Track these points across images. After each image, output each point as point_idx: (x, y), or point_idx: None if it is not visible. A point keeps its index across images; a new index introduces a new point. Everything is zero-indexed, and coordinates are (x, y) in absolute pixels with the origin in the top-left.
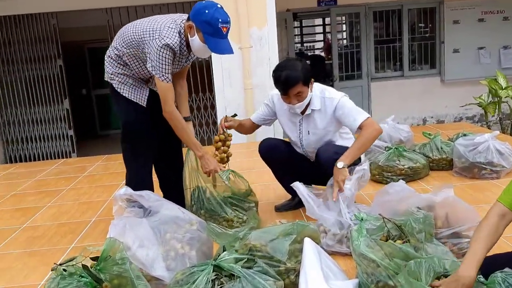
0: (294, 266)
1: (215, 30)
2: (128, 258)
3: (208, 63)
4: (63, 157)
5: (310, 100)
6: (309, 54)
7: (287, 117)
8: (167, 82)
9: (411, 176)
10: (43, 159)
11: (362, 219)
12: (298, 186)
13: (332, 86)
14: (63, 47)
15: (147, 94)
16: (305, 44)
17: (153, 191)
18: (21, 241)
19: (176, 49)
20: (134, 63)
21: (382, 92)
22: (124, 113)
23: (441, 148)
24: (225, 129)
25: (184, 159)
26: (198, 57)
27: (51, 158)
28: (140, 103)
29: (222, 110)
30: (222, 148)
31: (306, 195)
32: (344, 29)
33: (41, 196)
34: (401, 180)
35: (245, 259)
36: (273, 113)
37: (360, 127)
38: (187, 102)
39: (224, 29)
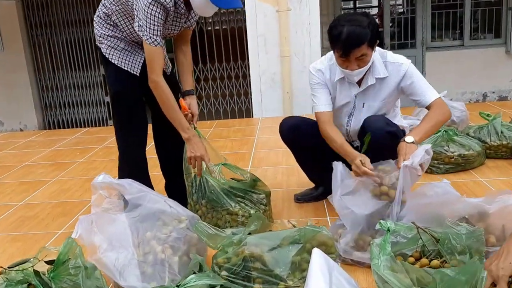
0: (298, 284)
1: None
2: (83, 267)
3: (241, 29)
4: (99, 124)
5: (372, 68)
6: None
7: (338, 89)
8: (156, 45)
9: (462, 165)
10: (80, 126)
11: (389, 230)
12: (337, 165)
13: None
14: None
15: (141, 61)
16: (357, 10)
17: (147, 175)
18: (11, 221)
19: (169, 6)
20: (125, 22)
21: (438, 63)
22: (113, 83)
23: (501, 132)
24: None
25: None
26: (203, 16)
27: (88, 125)
28: (131, 72)
29: (257, 80)
30: None
31: (339, 178)
32: None
33: (51, 169)
34: (444, 180)
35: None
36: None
37: (429, 106)
38: (191, 73)
39: None
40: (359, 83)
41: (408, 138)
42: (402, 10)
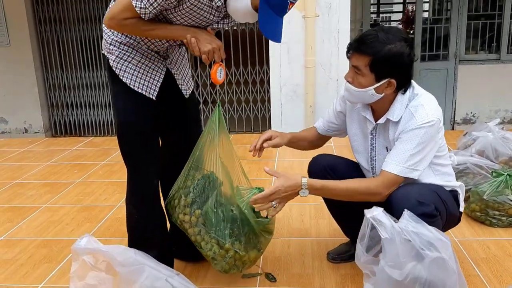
0: None
1: (281, 1)
2: None
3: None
4: (107, 127)
5: (391, 108)
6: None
7: (358, 122)
8: (141, 13)
9: None
10: (87, 127)
11: None
12: (378, 213)
13: None
14: None
15: (159, 80)
16: (380, 15)
17: (160, 208)
18: (35, 225)
19: None
20: None
21: (471, 77)
22: (121, 110)
23: None
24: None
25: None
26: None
27: (95, 127)
28: (147, 95)
29: (277, 91)
30: None
31: (388, 228)
32: None
33: (42, 191)
34: None
35: None
36: (344, 117)
37: (381, 172)
38: None
39: (291, 5)
40: (376, 119)
41: (304, 192)
42: (427, 17)
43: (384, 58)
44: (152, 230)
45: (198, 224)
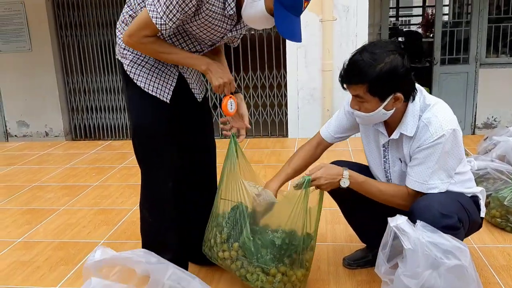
0: None
1: (294, 1)
2: None
3: (278, 37)
4: (126, 131)
5: (403, 120)
6: (404, 30)
7: (372, 135)
8: (162, 29)
9: None
10: (107, 131)
11: None
12: (402, 222)
13: (430, 69)
14: None
15: (173, 83)
16: (400, 18)
17: (173, 212)
18: (53, 227)
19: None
20: None
21: (492, 81)
22: (136, 113)
23: None
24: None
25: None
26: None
27: (114, 131)
28: (161, 98)
29: (294, 95)
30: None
31: (412, 239)
32: (447, 2)
33: (60, 194)
34: None
35: None
36: (355, 123)
37: (408, 189)
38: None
39: (306, 4)
40: (389, 133)
41: (344, 182)
42: (447, 21)
43: (379, 79)
44: (165, 234)
45: (239, 257)
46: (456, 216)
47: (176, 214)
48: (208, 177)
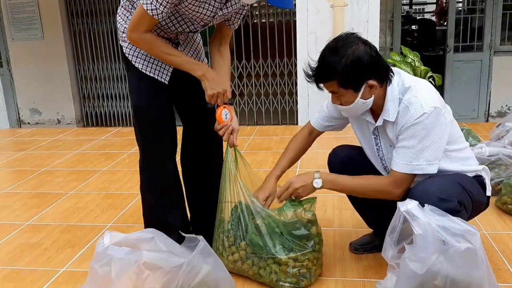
0: None
1: None
2: None
3: (289, 24)
4: None
5: (384, 106)
6: (417, 18)
7: (364, 125)
8: (153, 14)
9: None
10: (117, 119)
11: None
12: (413, 207)
13: (444, 57)
14: None
15: (171, 66)
16: (413, 7)
17: (174, 192)
18: (61, 211)
19: None
20: None
21: (507, 69)
22: (134, 94)
23: None
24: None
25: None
26: (248, 5)
27: (125, 118)
28: (159, 79)
29: (304, 82)
30: None
31: (422, 224)
32: None
33: (69, 178)
34: None
35: None
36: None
37: (394, 174)
38: (228, 76)
39: None
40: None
41: (317, 182)
42: (462, 8)
43: (346, 72)
44: (167, 215)
45: (248, 256)
46: (455, 200)
47: (177, 195)
48: (211, 159)
